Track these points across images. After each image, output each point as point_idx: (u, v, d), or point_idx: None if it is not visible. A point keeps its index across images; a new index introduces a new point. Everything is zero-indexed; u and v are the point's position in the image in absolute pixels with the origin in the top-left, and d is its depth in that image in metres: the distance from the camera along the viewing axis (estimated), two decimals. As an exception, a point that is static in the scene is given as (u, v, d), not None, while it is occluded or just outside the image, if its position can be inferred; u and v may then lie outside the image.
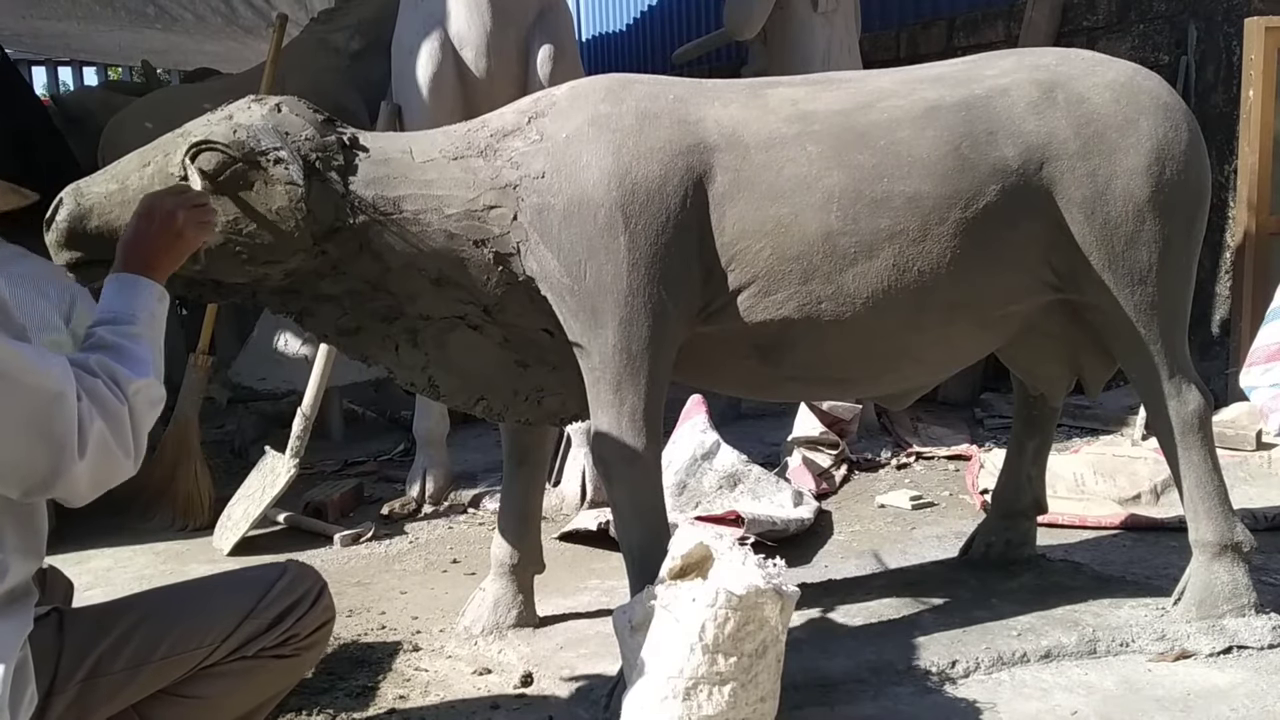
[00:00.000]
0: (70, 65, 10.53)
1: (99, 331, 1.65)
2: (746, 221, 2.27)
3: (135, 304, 1.70)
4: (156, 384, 1.65)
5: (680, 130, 2.28)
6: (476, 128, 2.37)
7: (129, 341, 1.65)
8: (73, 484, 1.51)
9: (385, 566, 3.48)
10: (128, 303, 1.70)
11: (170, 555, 3.60)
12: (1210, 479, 2.51)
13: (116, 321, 1.67)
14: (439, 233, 2.25)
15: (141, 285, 1.73)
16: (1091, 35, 5.32)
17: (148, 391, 1.61)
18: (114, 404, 1.54)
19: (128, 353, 1.63)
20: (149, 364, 1.64)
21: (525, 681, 2.50)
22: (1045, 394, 2.85)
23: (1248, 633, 2.46)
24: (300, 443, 3.86)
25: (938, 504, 3.87)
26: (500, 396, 2.47)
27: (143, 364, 1.63)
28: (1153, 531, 3.40)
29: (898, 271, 2.31)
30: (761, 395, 2.84)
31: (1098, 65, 2.50)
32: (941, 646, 2.47)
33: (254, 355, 5.08)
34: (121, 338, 1.65)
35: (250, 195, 2.13)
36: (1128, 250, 2.40)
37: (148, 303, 1.72)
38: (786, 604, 1.97)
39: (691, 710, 1.90)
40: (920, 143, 2.32)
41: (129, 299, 1.71)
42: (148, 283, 1.74)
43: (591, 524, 3.48)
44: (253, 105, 2.21)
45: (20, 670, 1.53)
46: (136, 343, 1.66)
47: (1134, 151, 2.39)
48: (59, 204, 2.14)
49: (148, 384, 1.62)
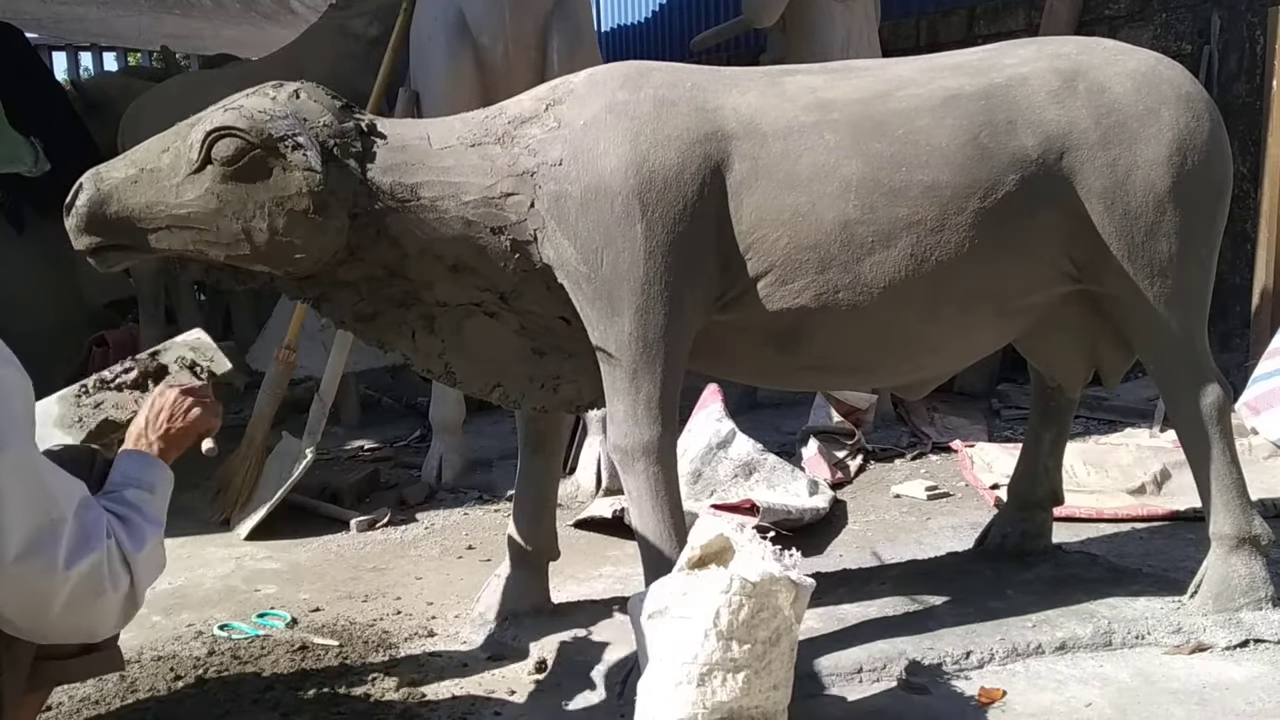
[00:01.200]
0: (90, 50, 10.57)
1: (127, 491, 1.79)
2: (764, 210, 2.27)
3: (155, 478, 1.87)
4: (160, 549, 1.79)
5: (698, 118, 2.28)
6: (494, 115, 2.37)
7: (146, 507, 1.79)
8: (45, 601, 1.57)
9: (401, 552, 3.50)
10: (148, 474, 1.86)
11: (187, 539, 3.62)
12: (1229, 472, 2.49)
13: (140, 486, 1.82)
14: (456, 219, 2.25)
15: (159, 466, 1.90)
16: (1113, 24, 5.28)
17: (154, 553, 1.75)
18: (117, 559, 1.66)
19: (146, 513, 1.77)
20: (160, 526, 1.80)
21: (539, 668, 2.51)
22: (1063, 385, 2.84)
23: (1265, 626, 2.44)
24: (317, 428, 3.88)
25: (953, 494, 3.86)
26: (516, 383, 2.47)
27: (155, 525, 1.78)
28: (1169, 523, 3.39)
29: (915, 261, 2.30)
30: (777, 384, 2.83)
31: (1119, 54, 2.48)
32: (956, 637, 2.46)
33: (271, 341, 5.10)
34: (143, 503, 1.79)
35: (268, 182, 2.13)
36: (1148, 241, 2.38)
37: (163, 482, 1.88)
38: (801, 594, 1.97)
39: (705, 696, 1.91)
40: (939, 131, 2.31)
41: (149, 472, 1.87)
42: (163, 465, 1.91)
43: (606, 511, 3.48)
44: (271, 91, 2.22)
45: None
46: (154, 509, 1.81)
47: (1155, 142, 2.37)
48: (79, 189, 2.15)
49: (155, 545, 1.76)
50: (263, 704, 2.40)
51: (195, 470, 4.13)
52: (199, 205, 2.14)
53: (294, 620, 2.90)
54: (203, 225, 2.15)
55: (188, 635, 2.83)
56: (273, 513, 3.69)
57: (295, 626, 2.87)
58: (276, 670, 2.57)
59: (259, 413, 4.02)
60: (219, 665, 2.61)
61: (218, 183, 2.13)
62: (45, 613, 1.58)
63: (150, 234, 2.17)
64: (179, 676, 2.55)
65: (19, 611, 1.58)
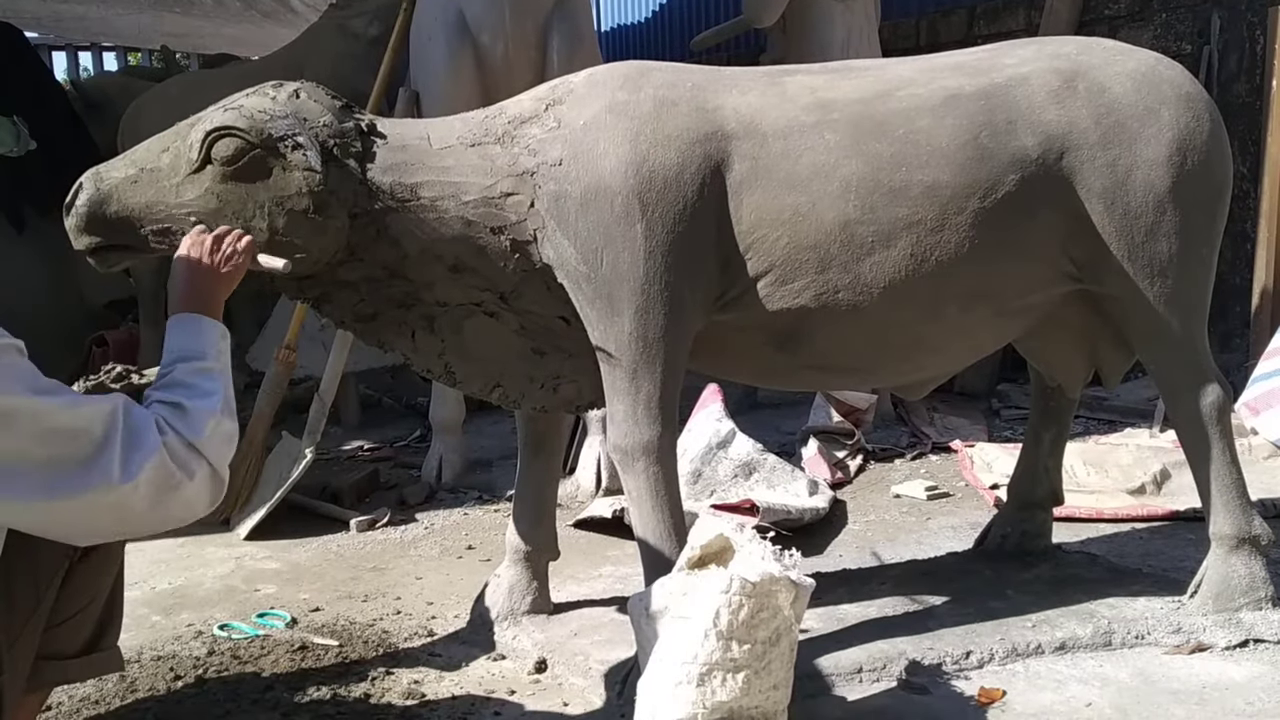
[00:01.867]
0: (90, 50, 10.56)
1: (175, 370, 1.72)
2: (764, 210, 2.27)
3: (203, 341, 1.79)
4: (226, 419, 1.70)
5: (698, 118, 2.28)
6: (494, 114, 2.37)
7: (201, 378, 1.72)
8: (126, 511, 1.54)
9: (401, 552, 3.50)
10: (196, 340, 1.78)
11: (187, 539, 3.63)
12: (1229, 472, 2.49)
13: (188, 359, 1.74)
14: (456, 219, 2.25)
15: (205, 324, 1.81)
16: (1113, 24, 5.28)
17: (218, 429, 1.67)
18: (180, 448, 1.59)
19: (200, 389, 1.69)
20: (219, 397, 1.71)
21: (539, 668, 2.51)
22: (1063, 385, 2.84)
23: (1265, 626, 2.44)
24: (317, 428, 3.87)
25: (953, 494, 3.86)
26: (516, 383, 2.48)
27: (213, 397, 1.69)
28: (1169, 523, 3.39)
29: (915, 261, 2.30)
30: (777, 384, 2.83)
31: (1119, 54, 2.48)
32: (956, 637, 2.46)
33: (271, 341, 5.11)
34: (195, 375, 1.72)
35: (268, 182, 2.13)
36: (1148, 241, 2.38)
37: (214, 339, 1.80)
38: (801, 594, 1.97)
39: (705, 696, 1.91)
40: (939, 131, 2.31)
41: (196, 337, 1.79)
42: (211, 321, 1.83)
43: (606, 511, 3.48)
44: (271, 91, 2.22)
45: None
46: (210, 378, 1.73)
47: (1155, 142, 2.37)
48: (78, 189, 2.15)
49: (216, 422, 1.67)
50: (263, 704, 2.40)
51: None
52: (199, 205, 2.14)
53: (294, 620, 2.90)
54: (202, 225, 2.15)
55: (188, 635, 2.83)
56: (272, 513, 3.69)
57: (295, 626, 2.86)
58: (276, 670, 2.57)
59: (259, 412, 4.02)
60: (219, 665, 2.61)
61: (217, 182, 2.13)
62: (131, 519, 1.57)
63: (150, 234, 2.17)
64: (179, 676, 2.55)
65: (109, 528, 1.58)
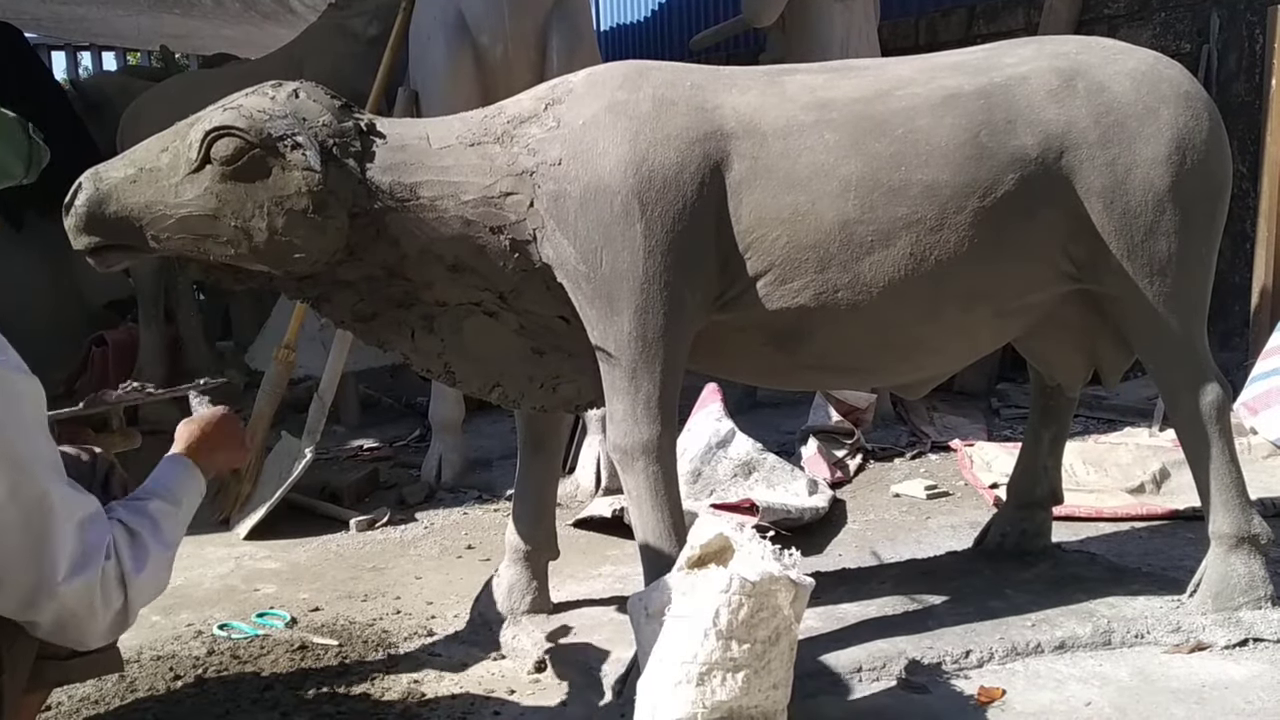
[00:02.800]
0: (90, 50, 10.56)
1: (152, 503, 1.81)
2: (763, 209, 2.27)
3: (188, 491, 1.90)
4: (166, 572, 1.80)
5: (698, 117, 2.28)
6: (493, 114, 2.37)
7: (169, 524, 1.81)
8: (36, 607, 1.60)
9: (400, 552, 3.50)
10: (184, 487, 1.89)
11: (187, 539, 3.60)
12: (1228, 471, 2.49)
13: (169, 499, 1.84)
14: (455, 219, 2.25)
15: (195, 480, 1.93)
16: (1113, 23, 5.29)
17: (155, 576, 1.75)
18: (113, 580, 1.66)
19: (162, 534, 1.78)
20: (173, 549, 1.81)
21: (539, 667, 2.51)
22: (1062, 384, 2.84)
23: (1264, 625, 2.44)
24: (317, 428, 3.88)
25: (953, 494, 3.86)
26: (516, 383, 2.48)
27: (168, 546, 1.79)
28: (1168, 522, 3.39)
29: (915, 260, 2.30)
30: (777, 383, 2.83)
31: (1118, 53, 2.48)
32: (955, 636, 2.46)
33: (271, 340, 5.11)
34: (165, 518, 1.81)
35: (267, 182, 2.13)
36: (1147, 240, 2.38)
37: (192, 496, 1.91)
38: (800, 593, 1.97)
39: (705, 695, 1.91)
40: (939, 131, 2.31)
41: (185, 484, 1.90)
42: (200, 479, 1.94)
43: (606, 511, 3.48)
44: (270, 91, 2.22)
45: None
46: (175, 528, 1.83)
47: (1154, 141, 2.37)
48: (78, 189, 2.15)
49: (157, 568, 1.75)
50: (262, 704, 2.40)
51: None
52: (198, 205, 2.13)
53: (293, 620, 2.90)
54: (202, 225, 2.15)
55: (187, 635, 2.83)
56: (272, 512, 3.69)
57: (295, 626, 2.87)
58: (276, 670, 2.57)
59: (259, 412, 4.02)
60: (219, 665, 2.61)
61: (217, 182, 2.13)
62: (35, 616, 1.61)
63: (149, 234, 2.17)
64: (178, 676, 2.55)
65: (6, 606, 1.61)
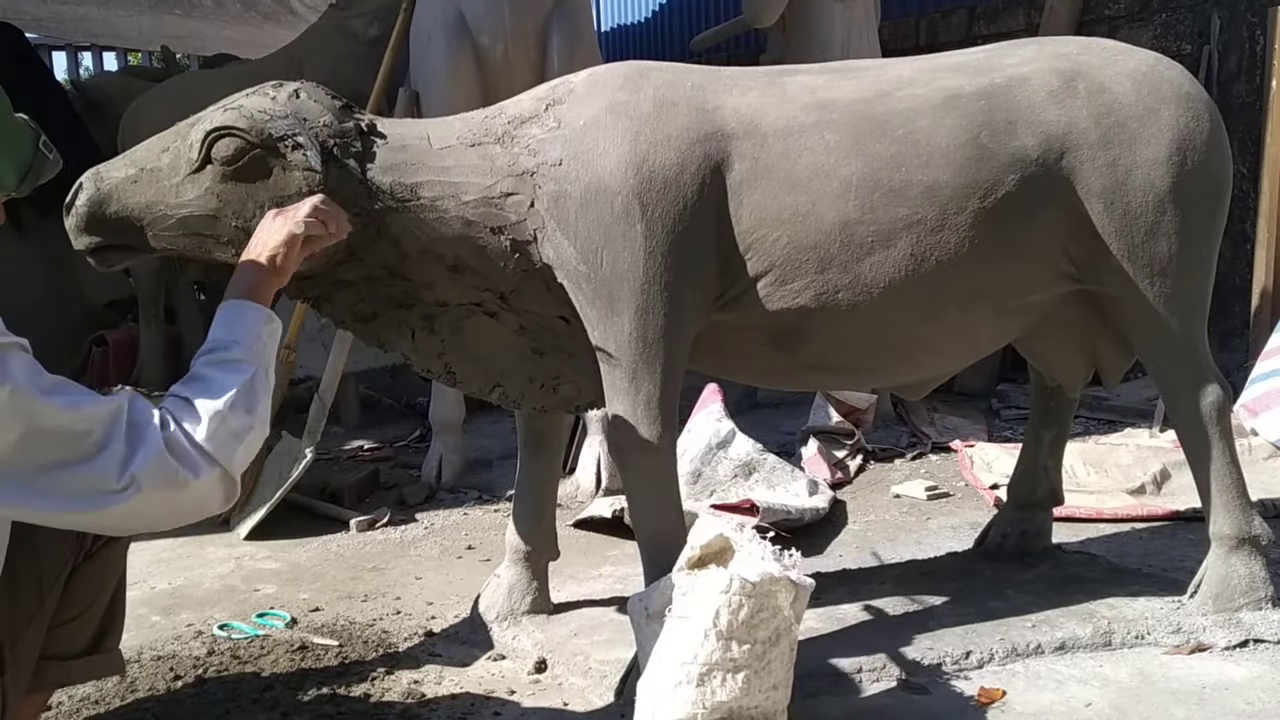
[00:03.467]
0: (90, 50, 10.57)
1: (198, 362, 1.69)
2: (764, 210, 2.27)
3: (237, 329, 1.74)
4: (235, 415, 1.62)
5: (698, 118, 2.28)
6: (494, 114, 2.37)
7: (220, 370, 1.66)
8: (126, 516, 1.53)
9: (400, 552, 3.50)
10: (229, 328, 1.74)
11: (187, 539, 3.63)
12: (1228, 472, 2.49)
13: (214, 349, 1.70)
14: (456, 219, 2.25)
15: (246, 310, 1.77)
16: (1113, 24, 5.29)
17: (222, 425, 1.60)
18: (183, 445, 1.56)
19: (213, 383, 1.64)
20: (233, 391, 1.64)
21: (539, 668, 2.51)
22: (1063, 385, 2.84)
23: (1264, 626, 2.44)
24: (317, 428, 3.87)
25: (953, 494, 3.86)
26: (516, 383, 2.48)
27: (223, 392, 1.63)
28: (1169, 524, 3.39)
29: (915, 261, 2.30)
30: (777, 384, 2.84)
31: (1119, 54, 2.48)
32: (956, 637, 2.46)
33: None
34: (213, 367, 1.67)
35: (268, 182, 2.13)
36: (1147, 241, 2.38)
37: (250, 326, 1.75)
38: (800, 594, 1.97)
39: (705, 696, 1.91)
40: (939, 131, 2.31)
41: (230, 325, 1.75)
42: (253, 307, 1.78)
43: (606, 511, 3.48)
44: (271, 91, 2.22)
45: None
46: (231, 370, 1.67)
47: (1155, 142, 2.37)
48: (78, 189, 2.15)
49: (221, 418, 1.60)
50: (263, 704, 2.40)
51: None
52: (199, 205, 2.14)
53: (294, 620, 2.90)
54: (203, 225, 2.15)
55: (187, 635, 2.83)
56: (272, 513, 3.69)
57: (295, 626, 2.87)
58: (276, 670, 2.57)
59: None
60: (219, 665, 2.61)
61: (218, 182, 2.13)
62: (137, 519, 1.56)
63: (150, 234, 2.17)
64: (179, 676, 2.55)
65: (117, 526, 1.58)
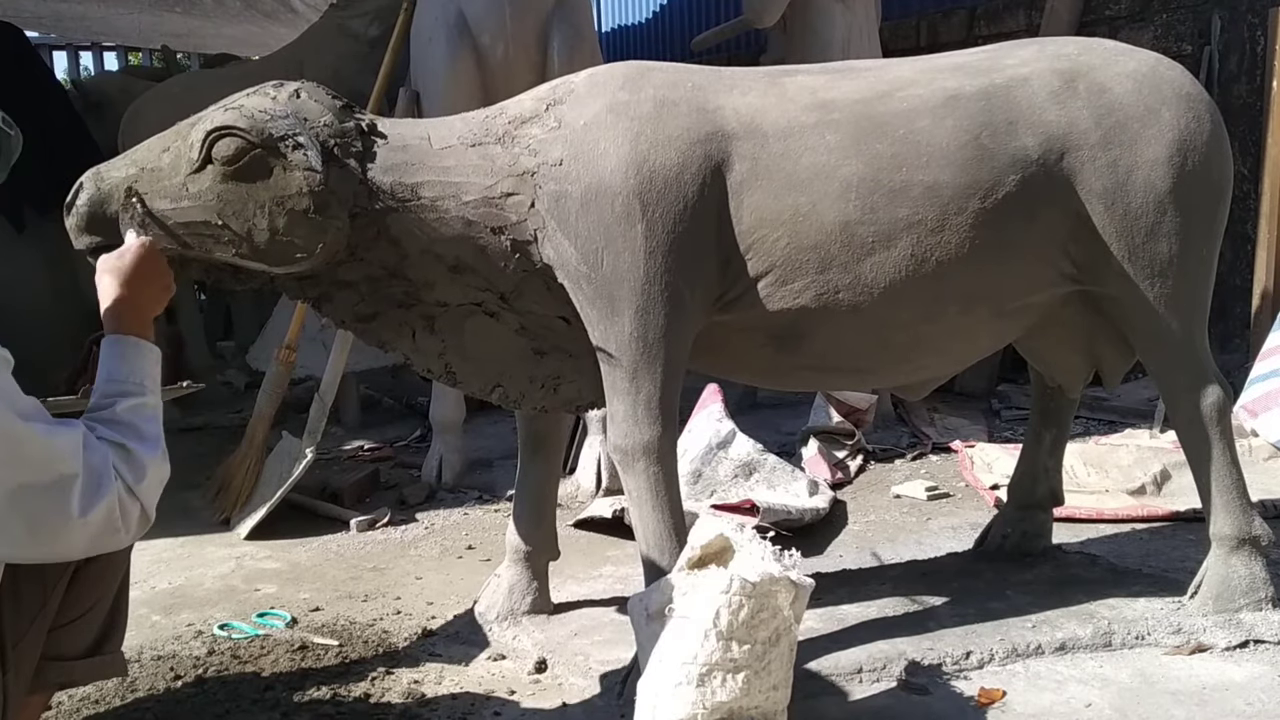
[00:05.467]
0: (91, 50, 10.56)
1: (117, 405, 1.72)
2: (764, 210, 2.27)
3: (140, 369, 1.78)
4: (163, 464, 1.72)
5: (698, 118, 2.28)
6: (495, 114, 2.37)
7: (141, 419, 1.72)
8: (67, 542, 1.59)
9: (401, 552, 3.50)
10: (136, 370, 1.77)
11: (187, 540, 3.63)
12: (1229, 473, 2.49)
13: (128, 393, 1.74)
14: (456, 219, 2.25)
15: (144, 350, 1.81)
16: (1114, 25, 5.29)
17: (156, 475, 1.69)
18: (124, 495, 1.63)
19: (141, 432, 1.70)
20: (159, 439, 1.73)
21: (539, 668, 2.51)
22: (1063, 385, 2.84)
23: (1265, 627, 2.44)
24: (317, 428, 3.87)
25: (953, 495, 3.86)
26: (516, 383, 2.48)
27: (153, 442, 1.71)
28: (1169, 524, 3.39)
29: (915, 261, 2.30)
30: (777, 384, 2.83)
31: (1120, 55, 2.48)
32: (956, 638, 2.46)
33: (271, 341, 5.11)
34: (135, 414, 1.72)
35: (268, 182, 2.13)
36: (1148, 242, 2.38)
37: (152, 368, 1.80)
38: (800, 594, 1.97)
39: (705, 696, 1.91)
40: (939, 132, 2.31)
41: (133, 363, 1.78)
42: (148, 346, 1.81)
43: (606, 512, 3.48)
44: (272, 91, 2.22)
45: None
46: (150, 418, 1.74)
47: (1156, 142, 2.37)
48: (79, 189, 2.15)
49: (156, 468, 1.69)
50: (263, 704, 2.40)
51: (195, 470, 4.16)
52: (199, 204, 2.13)
53: (294, 620, 2.90)
54: (203, 225, 2.15)
55: (188, 635, 2.83)
56: (273, 512, 3.69)
57: (295, 626, 2.86)
58: (276, 670, 2.57)
59: (259, 412, 4.03)
60: (219, 665, 2.61)
61: (218, 182, 2.13)
62: (67, 550, 1.62)
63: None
64: (179, 676, 2.55)
65: (41, 554, 1.62)
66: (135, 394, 1.75)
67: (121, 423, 1.70)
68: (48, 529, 1.56)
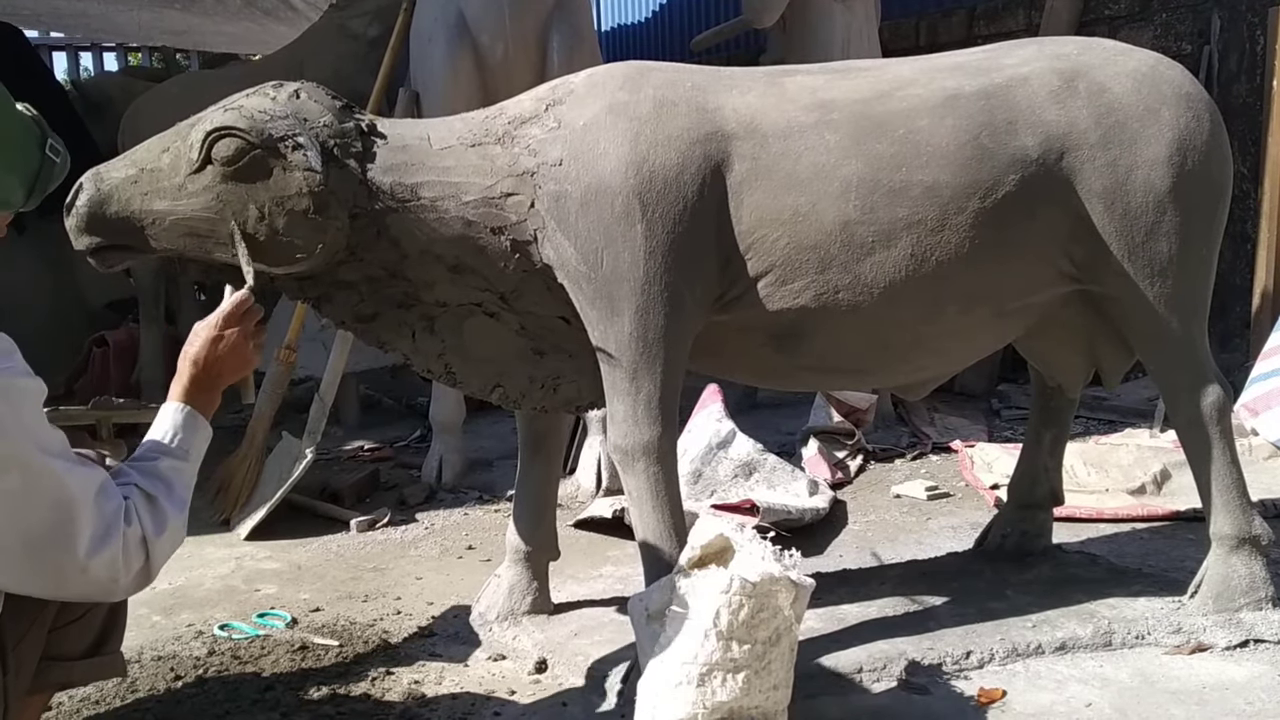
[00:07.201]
0: (91, 50, 10.55)
1: (160, 461, 1.80)
2: (764, 210, 2.27)
3: (193, 441, 1.86)
4: (183, 527, 1.78)
5: (698, 118, 2.28)
6: (494, 115, 2.37)
7: (179, 481, 1.80)
8: (66, 580, 1.62)
9: (401, 552, 3.50)
10: (187, 440, 1.85)
11: (188, 540, 3.59)
12: (1229, 472, 2.49)
13: (175, 455, 1.82)
14: (456, 220, 2.25)
15: (200, 426, 1.88)
16: (1113, 24, 5.29)
17: (174, 534, 1.75)
18: (134, 545, 1.67)
19: (176, 492, 1.77)
20: (186, 505, 1.80)
21: (540, 668, 2.51)
22: (1063, 385, 2.84)
23: (1265, 626, 2.44)
24: (317, 428, 3.87)
25: (953, 494, 3.86)
26: (516, 384, 2.48)
27: (182, 505, 1.78)
28: (1169, 524, 3.39)
29: (915, 261, 2.30)
30: (777, 384, 2.84)
31: (1119, 54, 2.48)
32: (956, 637, 2.46)
33: (271, 340, 5.09)
34: (175, 474, 1.80)
35: (268, 182, 2.13)
36: (1148, 241, 2.38)
37: (201, 444, 1.88)
38: (801, 594, 1.97)
39: (705, 696, 1.91)
40: (939, 132, 2.31)
41: (189, 434, 1.86)
42: (204, 425, 1.89)
43: (606, 512, 3.48)
44: (271, 91, 2.22)
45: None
46: (186, 484, 1.82)
47: (1155, 142, 2.37)
48: (79, 189, 2.15)
49: (175, 528, 1.75)
50: (263, 704, 2.40)
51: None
52: (199, 205, 2.14)
53: (294, 620, 2.90)
54: (203, 225, 2.15)
55: (188, 635, 2.83)
56: (273, 513, 3.69)
57: (295, 626, 2.86)
58: (276, 670, 2.57)
59: (259, 413, 4.02)
60: (219, 665, 2.61)
61: (218, 182, 2.13)
62: (63, 589, 1.66)
63: (150, 234, 2.17)
64: (179, 676, 2.55)
65: (40, 588, 1.64)
66: (179, 458, 1.82)
67: (160, 478, 1.77)
68: (51, 566, 1.58)
